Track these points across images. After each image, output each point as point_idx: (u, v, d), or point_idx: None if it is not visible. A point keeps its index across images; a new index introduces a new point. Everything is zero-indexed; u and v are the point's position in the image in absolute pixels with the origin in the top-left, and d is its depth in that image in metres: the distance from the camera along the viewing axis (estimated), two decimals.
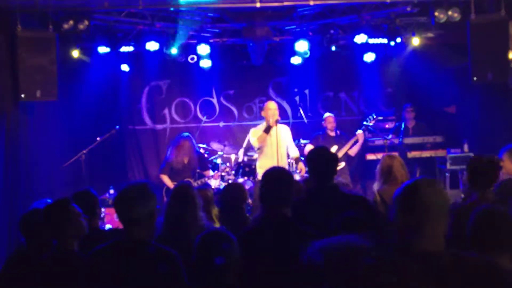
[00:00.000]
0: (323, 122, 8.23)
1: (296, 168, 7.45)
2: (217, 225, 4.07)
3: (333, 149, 7.76)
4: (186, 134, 7.76)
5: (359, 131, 7.90)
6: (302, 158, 7.52)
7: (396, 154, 4.64)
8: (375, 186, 4.59)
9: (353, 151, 8.01)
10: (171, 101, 9.31)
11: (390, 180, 4.35)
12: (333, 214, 2.99)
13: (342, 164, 7.79)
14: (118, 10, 7.35)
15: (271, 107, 6.91)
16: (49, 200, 4.05)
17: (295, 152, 7.22)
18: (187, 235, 3.33)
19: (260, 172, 6.86)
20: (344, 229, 2.65)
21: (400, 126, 8.46)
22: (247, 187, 7.40)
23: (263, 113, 7.09)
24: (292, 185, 3.12)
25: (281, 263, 2.82)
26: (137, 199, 2.67)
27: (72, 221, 3.06)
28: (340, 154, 7.76)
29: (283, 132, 7.05)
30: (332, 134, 8.12)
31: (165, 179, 7.50)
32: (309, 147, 7.64)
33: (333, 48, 8.27)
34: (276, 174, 3.16)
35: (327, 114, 8.33)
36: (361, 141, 7.92)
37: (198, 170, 7.74)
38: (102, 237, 3.25)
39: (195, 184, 7.35)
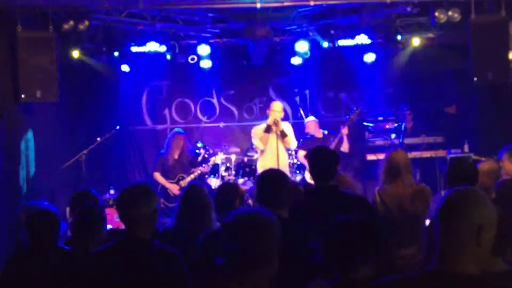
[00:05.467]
0: (306, 129, 7.99)
1: (296, 168, 7.44)
2: None
3: None
4: (178, 130, 7.78)
5: (344, 129, 7.67)
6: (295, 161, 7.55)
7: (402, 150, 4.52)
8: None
9: (345, 147, 7.83)
10: (171, 101, 9.31)
11: (392, 179, 4.26)
12: (333, 214, 2.98)
13: None
14: (118, 10, 7.35)
15: (274, 108, 6.93)
16: (45, 202, 4.07)
17: (292, 141, 7.06)
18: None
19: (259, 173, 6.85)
20: (343, 233, 2.62)
21: (400, 127, 8.46)
22: (247, 187, 7.39)
23: (267, 112, 7.09)
24: (288, 187, 3.11)
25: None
26: (140, 199, 2.67)
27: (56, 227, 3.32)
28: None
29: (284, 129, 7.03)
30: (320, 135, 7.96)
31: (158, 176, 7.49)
32: (301, 153, 7.54)
33: (333, 48, 8.26)
34: (272, 176, 3.16)
35: (306, 120, 8.13)
36: (345, 136, 7.62)
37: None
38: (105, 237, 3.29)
39: (188, 178, 7.37)
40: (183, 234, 3.50)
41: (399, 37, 7.93)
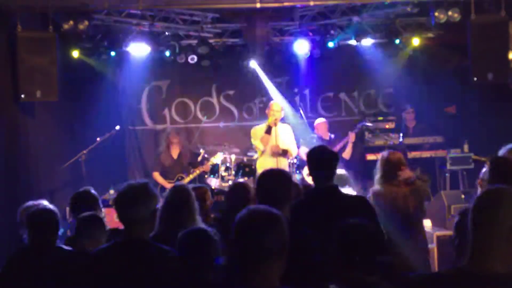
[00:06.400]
0: (315, 130, 8.20)
1: (296, 168, 7.43)
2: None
3: None
4: (170, 130, 7.85)
5: (352, 135, 7.85)
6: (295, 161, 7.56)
7: (398, 152, 4.56)
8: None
9: (347, 154, 7.93)
10: (171, 101, 9.29)
11: (387, 180, 4.26)
12: (332, 215, 2.97)
13: None
14: (118, 10, 7.36)
15: (274, 108, 6.91)
16: (45, 202, 4.07)
17: (293, 152, 7.12)
18: None
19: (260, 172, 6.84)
20: (345, 236, 2.62)
21: (400, 127, 8.45)
22: None
23: (266, 112, 7.08)
24: (289, 186, 3.09)
25: None
26: (139, 199, 2.65)
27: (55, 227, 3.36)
28: None
29: (284, 132, 7.03)
30: (326, 138, 8.06)
31: (157, 176, 7.54)
32: (303, 149, 7.56)
33: (333, 47, 8.27)
34: (273, 175, 3.14)
35: (318, 121, 8.31)
36: (351, 142, 7.87)
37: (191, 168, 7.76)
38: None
39: (188, 178, 7.39)
40: (164, 238, 3.46)
41: (399, 37, 7.93)
